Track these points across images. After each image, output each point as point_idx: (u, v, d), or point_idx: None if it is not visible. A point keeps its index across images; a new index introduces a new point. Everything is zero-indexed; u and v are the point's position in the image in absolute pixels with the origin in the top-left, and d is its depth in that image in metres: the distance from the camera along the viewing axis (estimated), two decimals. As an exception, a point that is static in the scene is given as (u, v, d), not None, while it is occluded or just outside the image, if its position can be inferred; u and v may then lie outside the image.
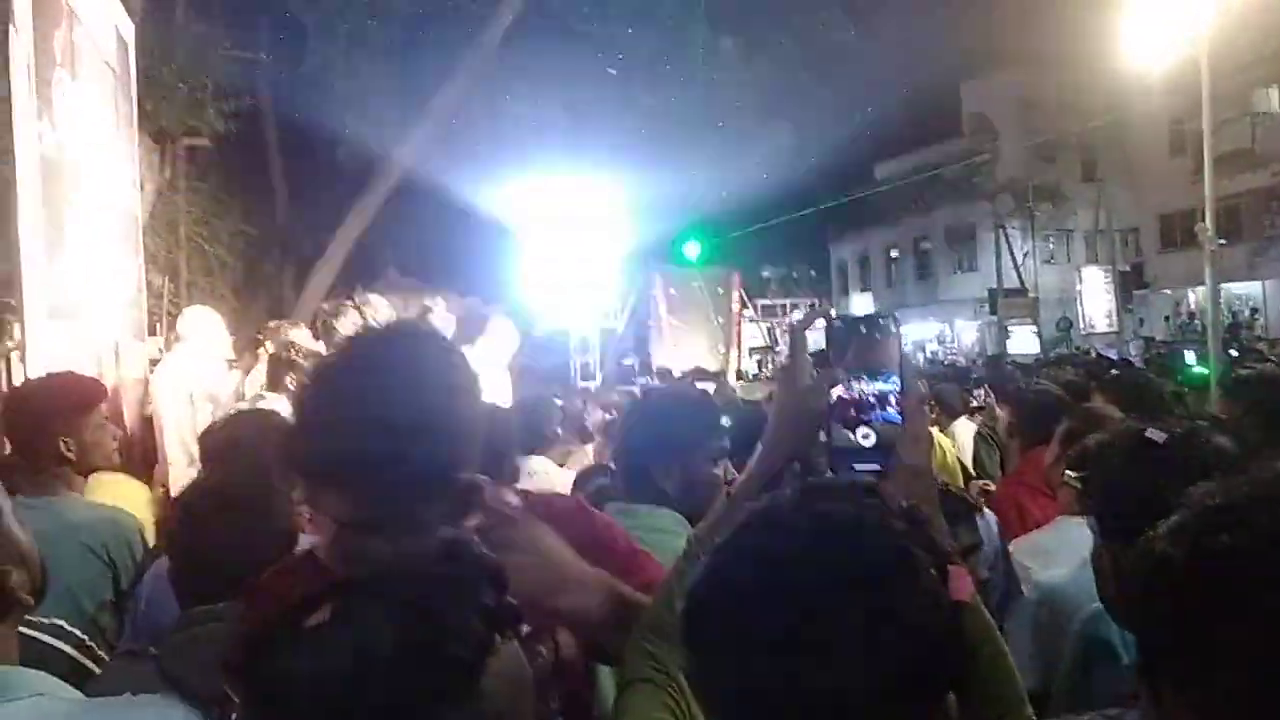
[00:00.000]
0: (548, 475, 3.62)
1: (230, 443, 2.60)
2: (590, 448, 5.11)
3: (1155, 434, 1.41)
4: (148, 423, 5.78)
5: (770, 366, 18.86)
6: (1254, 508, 0.80)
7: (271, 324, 5.96)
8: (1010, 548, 2.54)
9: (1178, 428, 1.45)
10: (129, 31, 6.63)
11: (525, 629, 1.09)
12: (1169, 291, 29.28)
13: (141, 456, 5.69)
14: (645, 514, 2.05)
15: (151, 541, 2.90)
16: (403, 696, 0.88)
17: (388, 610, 0.91)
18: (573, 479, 3.70)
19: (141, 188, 10.53)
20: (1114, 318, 28.46)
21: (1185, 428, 1.45)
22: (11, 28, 4.04)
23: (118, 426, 5.44)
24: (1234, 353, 11.06)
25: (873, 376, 1.22)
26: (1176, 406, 3.94)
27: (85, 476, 2.97)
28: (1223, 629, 0.76)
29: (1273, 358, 12.42)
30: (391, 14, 17.30)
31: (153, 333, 8.98)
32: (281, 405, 4.19)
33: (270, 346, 5.72)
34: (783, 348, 19.66)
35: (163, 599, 1.91)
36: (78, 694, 1.30)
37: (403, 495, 1.21)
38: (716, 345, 17.74)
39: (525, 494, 1.69)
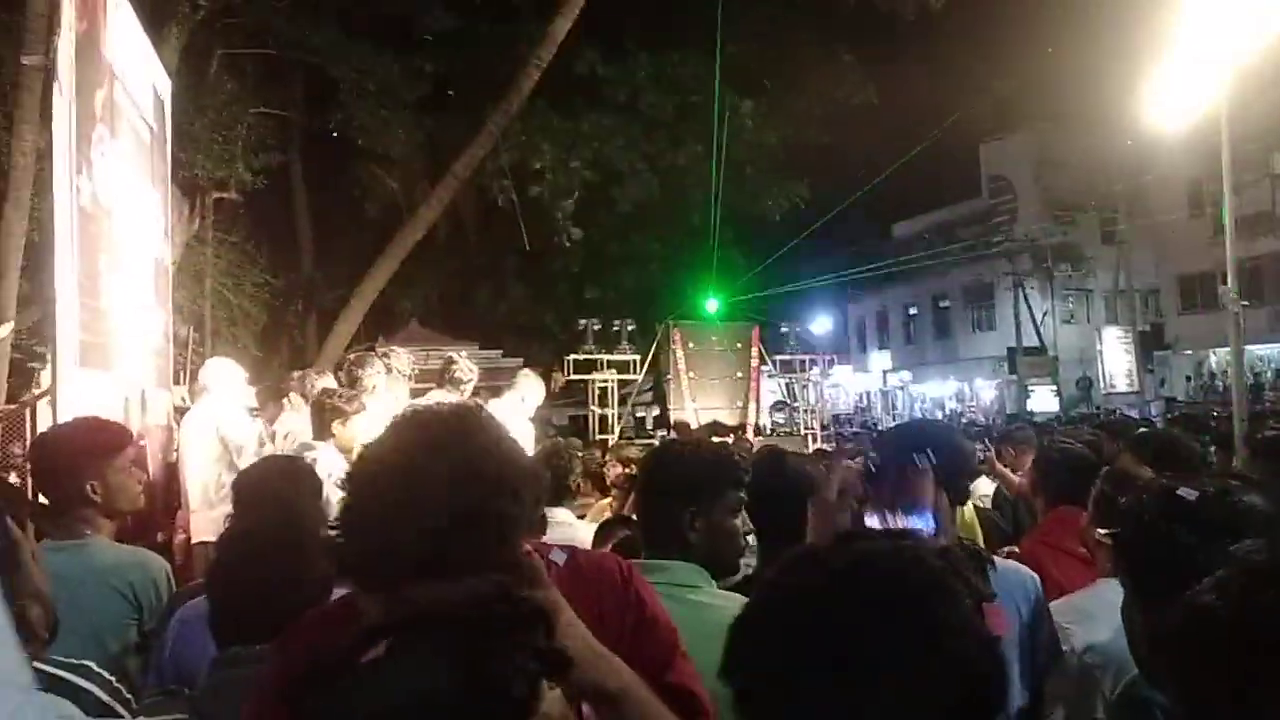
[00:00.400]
0: (571, 526, 3.62)
1: (263, 487, 2.63)
2: (608, 501, 5.12)
3: (1187, 492, 1.41)
4: (171, 469, 5.84)
5: (789, 422, 18.79)
6: None
7: (296, 373, 6.03)
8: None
9: (1209, 486, 1.45)
10: (165, 89, 6.82)
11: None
12: (1190, 352, 29.15)
13: (164, 503, 5.73)
14: (669, 567, 2.05)
15: (175, 585, 2.92)
16: None
17: (444, 648, 0.92)
18: (593, 531, 3.69)
19: (171, 239, 10.74)
20: (1134, 378, 28.30)
21: (1217, 486, 1.45)
22: (56, 86, 4.17)
23: (142, 472, 5.50)
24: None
25: (907, 511, 1.24)
26: (1204, 466, 3.90)
27: (112, 520, 3.00)
28: (1266, 685, 0.76)
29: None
30: (419, 74, 17.67)
31: (177, 381, 9.08)
32: (327, 453, 4.25)
33: (293, 397, 5.79)
34: (800, 401, 19.61)
35: (189, 641, 1.93)
36: None
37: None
38: (735, 400, 17.72)
39: (572, 551, 1.62)
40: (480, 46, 18.09)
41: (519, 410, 5.65)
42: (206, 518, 5.11)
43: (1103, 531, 2.05)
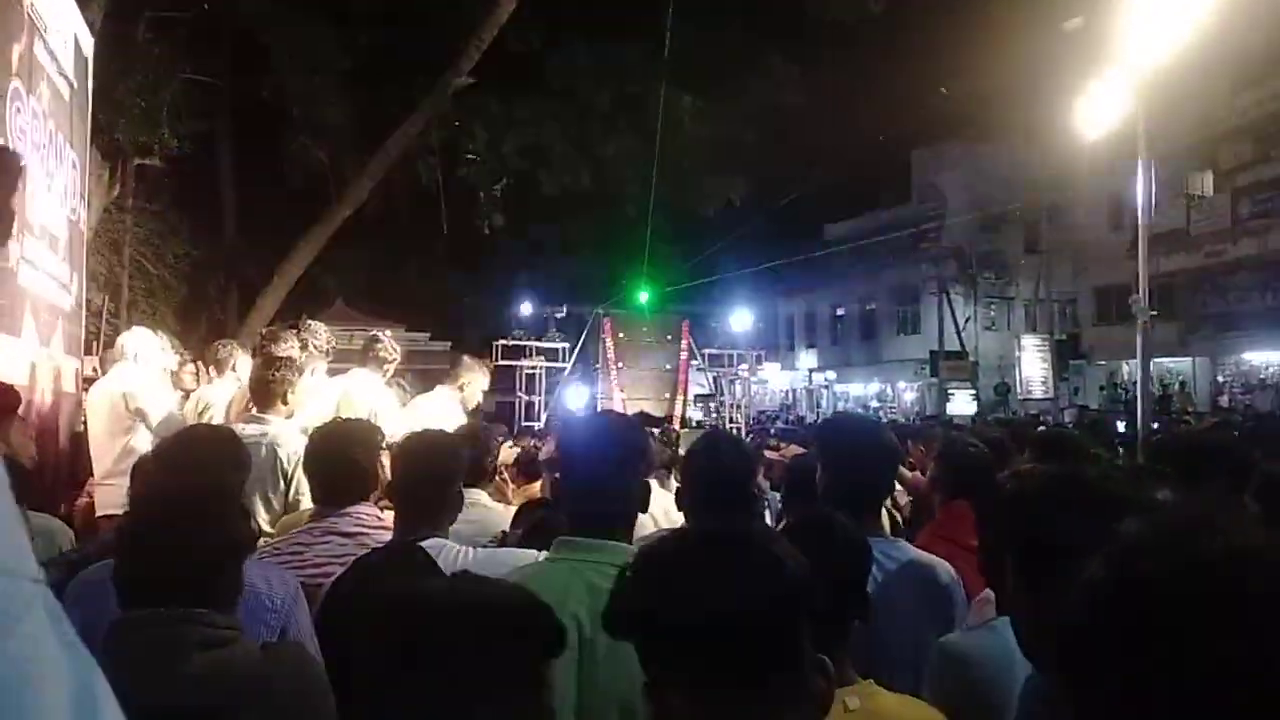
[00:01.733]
0: (487, 509, 3.61)
1: (185, 455, 2.59)
2: (538, 484, 5.10)
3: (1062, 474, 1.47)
4: (78, 439, 5.68)
5: (715, 414, 18.95)
6: (1179, 537, 0.84)
7: (217, 344, 5.90)
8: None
9: (1089, 472, 1.51)
10: (88, 45, 6.60)
11: None
12: (1104, 363, 30.07)
13: (70, 473, 5.58)
14: (599, 548, 2.03)
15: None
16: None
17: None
18: (510, 513, 3.70)
19: (88, 204, 10.39)
20: (1050, 385, 29.14)
21: (1095, 471, 1.51)
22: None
23: (49, 439, 5.34)
24: (1156, 425, 11.40)
25: None
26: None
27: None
28: (1149, 656, 0.78)
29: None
30: (355, 47, 17.34)
31: (89, 351, 8.81)
32: (277, 425, 4.13)
33: (213, 369, 5.67)
34: (727, 396, 19.79)
35: (91, 604, 1.89)
36: None
37: None
38: (662, 392, 17.83)
39: None
40: (419, 23, 17.80)
41: (454, 400, 5.53)
42: (110, 490, 4.94)
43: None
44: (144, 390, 5.24)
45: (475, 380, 5.64)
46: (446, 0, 17.11)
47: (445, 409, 5.31)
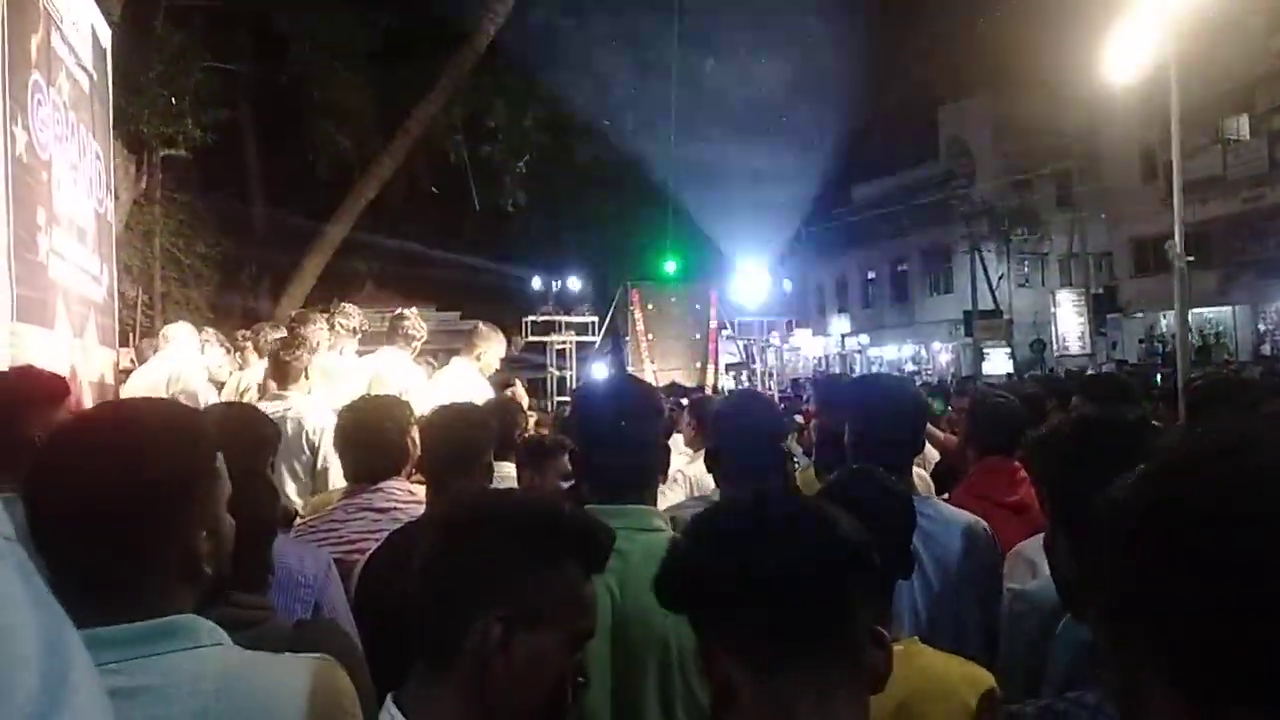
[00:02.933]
0: (512, 481, 3.61)
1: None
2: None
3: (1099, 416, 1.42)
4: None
5: (746, 382, 18.89)
6: (1220, 453, 0.77)
7: (251, 329, 5.98)
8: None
9: (1128, 414, 1.47)
10: (106, 36, 6.62)
11: None
12: (1141, 315, 29.60)
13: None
14: (623, 513, 2.00)
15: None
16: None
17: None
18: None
19: (117, 197, 10.48)
20: (1087, 340, 28.74)
21: (1134, 414, 1.47)
22: (-14, 29, 4.03)
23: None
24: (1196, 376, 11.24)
25: None
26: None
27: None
28: (1179, 580, 0.71)
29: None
30: (372, 28, 17.31)
31: (124, 343, 8.93)
32: (298, 400, 4.26)
33: (251, 351, 5.74)
34: (759, 364, 19.72)
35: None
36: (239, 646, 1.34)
37: None
38: (694, 361, 17.77)
39: None
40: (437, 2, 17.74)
41: (472, 369, 5.51)
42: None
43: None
44: (190, 375, 5.35)
45: (491, 348, 5.55)
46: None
47: (467, 380, 5.28)
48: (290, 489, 3.93)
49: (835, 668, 1.16)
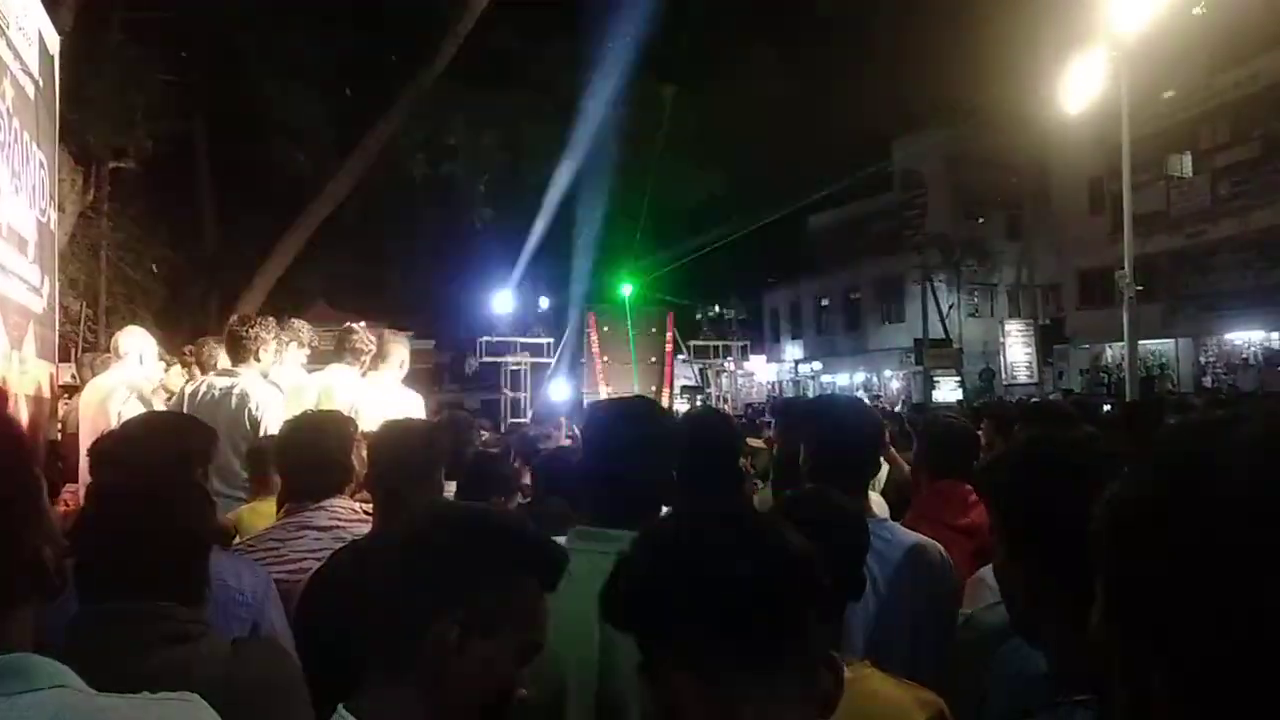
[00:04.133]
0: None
1: (145, 441, 2.50)
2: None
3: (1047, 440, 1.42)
4: (55, 444, 5.60)
5: (700, 406, 18.92)
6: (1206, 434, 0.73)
7: (200, 342, 5.88)
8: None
9: (1074, 437, 1.46)
10: (54, 44, 6.49)
11: None
12: (1087, 346, 30.16)
13: (46, 476, 5.48)
14: (619, 539, 1.92)
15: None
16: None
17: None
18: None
19: (62, 209, 10.25)
20: (1034, 370, 29.21)
21: (1079, 436, 1.46)
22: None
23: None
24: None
25: None
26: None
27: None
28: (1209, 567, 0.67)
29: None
30: (331, 46, 17.20)
31: (65, 358, 8.72)
32: (247, 377, 4.21)
33: (191, 366, 5.62)
34: (713, 388, 19.77)
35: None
36: (87, 687, 1.20)
37: None
38: (648, 384, 17.77)
39: None
40: (395, 19, 17.68)
41: (398, 379, 5.27)
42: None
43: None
44: (148, 389, 5.24)
45: (406, 355, 5.25)
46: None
47: (403, 394, 5.12)
48: (236, 465, 4.05)
49: (785, 687, 1.14)
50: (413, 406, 4.67)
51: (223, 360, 5.38)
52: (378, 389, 4.97)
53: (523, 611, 1.35)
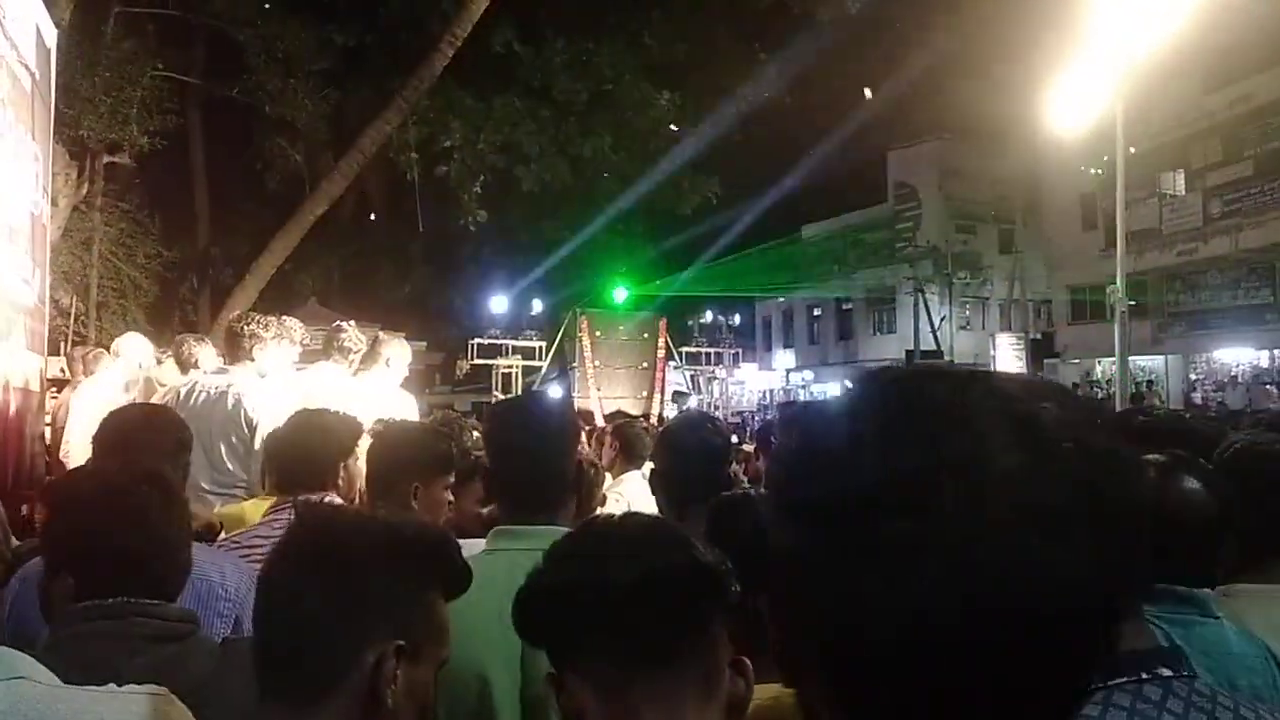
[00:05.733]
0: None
1: (117, 436, 2.49)
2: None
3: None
4: (40, 439, 5.59)
5: (692, 410, 18.93)
6: None
7: (179, 339, 5.85)
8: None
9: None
10: (51, 37, 6.48)
11: None
12: (1077, 361, 30.29)
13: (33, 470, 5.48)
14: (535, 534, 1.89)
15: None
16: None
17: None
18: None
19: (55, 202, 10.22)
20: (1025, 384, 29.31)
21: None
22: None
23: (10, 437, 5.24)
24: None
25: None
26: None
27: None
28: None
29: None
30: (328, 43, 17.17)
31: (55, 352, 8.69)
32: (241, 377, 4.20)
33: (169, 363, 5.62)
34: (705, 395, 19.79)
35: (30, 600, 1.82)
36: (53, 677, 1.19)
37: None
38: (640, 390, 17.77)
39: None
40: (393, 19, 17.66)
41: (388, 379, 5.22)
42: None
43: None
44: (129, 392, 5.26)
45: (398, 355, 5.18)
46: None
47: (395, 394, 5.07)
48: (229, 464, 4.03)
49: (687, 690, 1.15)
50: (405, 408, 4.66)
51: (204, 358, 5.38)
52: (369, 389, 4.93)
53: (438, 627, 1.32)
